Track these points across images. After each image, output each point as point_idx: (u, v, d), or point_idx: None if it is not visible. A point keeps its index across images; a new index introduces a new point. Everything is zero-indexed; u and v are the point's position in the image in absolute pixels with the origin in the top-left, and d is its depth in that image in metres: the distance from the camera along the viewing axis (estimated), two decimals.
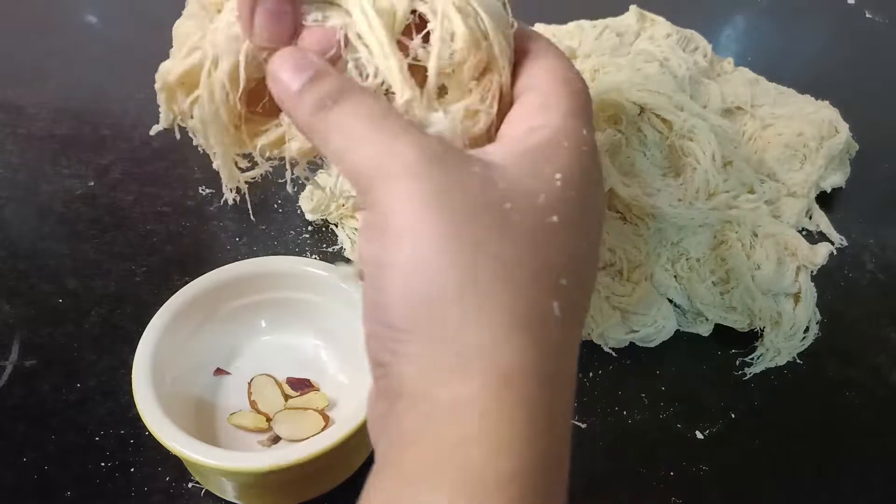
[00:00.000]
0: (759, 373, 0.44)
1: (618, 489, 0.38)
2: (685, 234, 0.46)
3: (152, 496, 0.36)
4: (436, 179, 0.21)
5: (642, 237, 0.45)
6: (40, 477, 0.36)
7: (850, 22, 0.84)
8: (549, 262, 0.22)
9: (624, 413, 0.41)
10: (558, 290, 0.22)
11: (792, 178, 0.55)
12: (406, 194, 0.21)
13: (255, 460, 0.32)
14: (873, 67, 0.76)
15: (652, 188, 0.47)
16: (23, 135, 0.57)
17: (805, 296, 0.45)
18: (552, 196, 0.22)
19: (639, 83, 0.50)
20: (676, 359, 0.45)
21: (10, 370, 0.41)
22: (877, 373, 0.45)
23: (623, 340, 0.45)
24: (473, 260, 0.20)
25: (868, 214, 0.56)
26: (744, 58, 0.66)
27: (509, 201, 0.21)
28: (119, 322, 0.44)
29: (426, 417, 0.20)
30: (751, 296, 0.44)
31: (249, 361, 0.41)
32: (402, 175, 0.21)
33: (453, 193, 0.21)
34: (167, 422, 0.32)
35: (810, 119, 0.58)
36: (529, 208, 0.22)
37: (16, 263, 0.47)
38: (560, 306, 0.21)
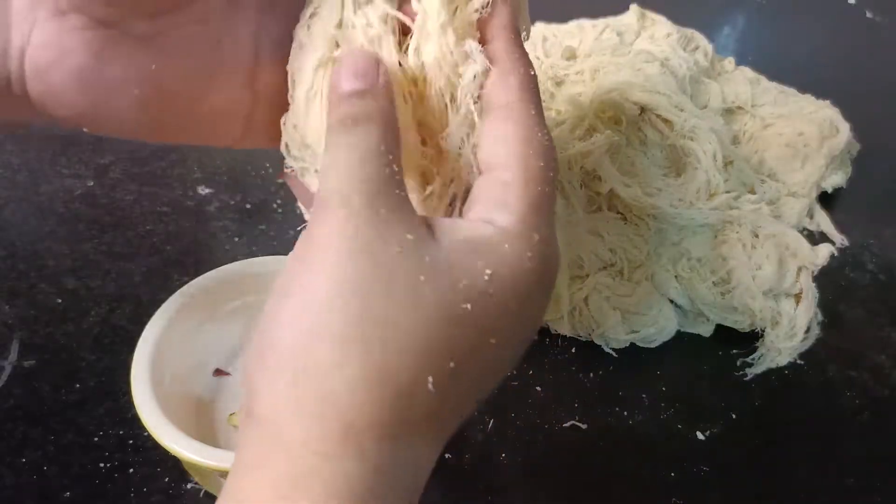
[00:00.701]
0: (760, 373, 0.44)
1: (618, 490, 0.38)
2: (686, 234, 0.46)
3: (151, 497, 0.36)
4: (364, 229, 0.22)
5: (643, 237, 0.45)
6: (39, 477, 0.36)
7: (851, 22, 0.84)
8: (443, 343, 0.22)
9: (624, 413, 0.41)
10: (442, 369, 0.22)
11: (793, 178, 0.55)
12: (333, 230, 0.22)
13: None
14: (874, 67, 0.75)
15: (652, 188, 0.47)
16: (22, 135, 0.57)
17: (807, 296, 0.45)
18: (474, 287, 0.22)
19: (639, 83, 0.50)
20: (677, 359, 0.45)
21: (10, 370, 0.41)
22: (878, 373, 0.45)
23: (623, 341, 0.45)
24: (363, 312, 0.21)
25: (869, 214, 0.56)
26: (744, 57, 0.66)
27: (426, 275, 0.22)
28: (118, 322, 0.44)
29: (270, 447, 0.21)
30: (752, 296, 0.44)
31: None
32: (339, 212, 0.22)
33: (375, 246, 0.22)
34: (166, 422, 0.32)
35: (811, 119, 0.58)
36: (445, 289, 0.22)
37: (15, 263, 0.47)
38: (436, 383, 0.22)
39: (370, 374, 0.21)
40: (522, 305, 0.24)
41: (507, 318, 0.23)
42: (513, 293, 0.23)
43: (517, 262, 0.24)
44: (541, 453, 0.39)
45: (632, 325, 0.45)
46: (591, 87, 0.52)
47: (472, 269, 0.23)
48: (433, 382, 0.22)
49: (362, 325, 0.21)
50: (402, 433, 0.21)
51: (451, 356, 0.22)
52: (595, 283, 0.45)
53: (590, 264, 0.45)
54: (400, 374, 0.21)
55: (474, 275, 0.23)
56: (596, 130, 0.47)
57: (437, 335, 0.22)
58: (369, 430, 0.21)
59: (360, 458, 0.21)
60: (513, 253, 0.24)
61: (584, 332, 0.45)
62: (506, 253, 0.24)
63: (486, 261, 0.23)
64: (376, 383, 0.21)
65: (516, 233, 0.24)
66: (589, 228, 0.46)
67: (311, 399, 0.21)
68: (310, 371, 0.21)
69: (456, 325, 0.22)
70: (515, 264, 0.24)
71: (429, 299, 0.22)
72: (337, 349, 0.21)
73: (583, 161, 0.45)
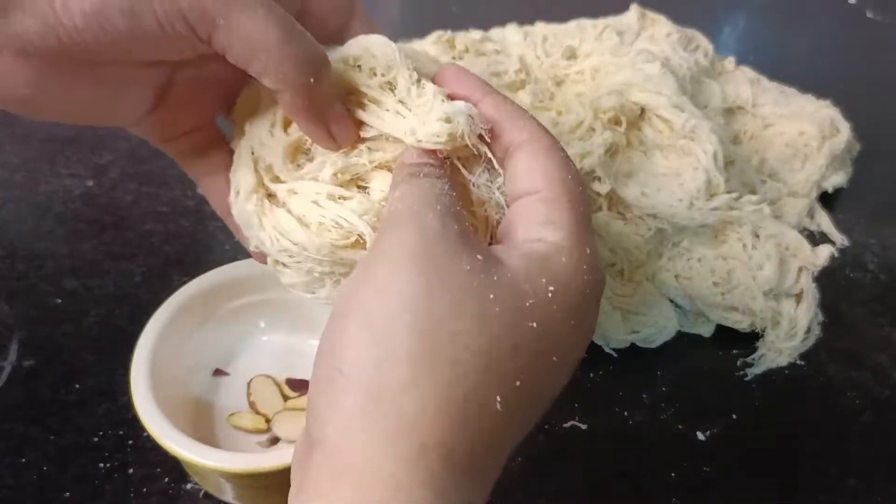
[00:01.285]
0: (761, 373, 0.44)
1: (618, 490, 0.38)
2: (686, 234, 0.46)
3: (151, 497, 0.36)
4: (435, 245, 0.22)
5: (643, 237, 0.45)
6: (39, 477, 0.36)
7: (851, 22, 0.84)
8: (511, 362, 0.22)
9: (625, 414, 0.41)
10: (510, 388, 0.22)
11: (793, 178, 0.55)
12: (405, 247, 0.22)
13: (254, 461, 0.31)
14: (874, 67, 0.75)
15: (653, 188, 0.47)
16: (21, 135, 0.57)
17: (807, 296, 0.45)
18: (539, 304, 0.23)
19: (639, 83, 0.50)
20: (677, 359, 0.45)
21: (9, 370, 0.41)
22: (878, 373, 0.45)
23: (624, 341, 0.45)
24: (432, 329, 0.21)
25: (870, 214, 0.56)
26: (745, 57, 0.66)
27: (495, 293, 0.22)
28: (118, 322, 0.44)
29: (338, 476, 0.21)
30: (752, 296, 0.44)
31: (248, 362, 0.41)
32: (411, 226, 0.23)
33: (445, 263, 0.22)
34: (166, 422, 0.32)
35: (812, 118, 0.58)
36: (513, 308, 0.22)
37: (14, 263, 0.47)
38: (504, 402, 0.21)
39: (441, 393, 0.20)
40: (580, 321, 0.24)
41: (567, 334, 0.23)
42: (573, 309, 0.23)
43: (576, 277, 0.24)
44: (541, 453, 0.39)
45: (632, 325, 0.45)
46: (591, 87, 0.52)
47: (537, 287, 0.23)
48: (501, 402, 0.21)
49: (432, 342, 0.21)
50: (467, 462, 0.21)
51: (517, 375, 0.22)
52: None
53: None
54: (469, 394, 0.21)
55: (539, 292, 0.23)
56: (596, 130, 0.47)
57: (506, 354, 0.22)
58: (439, 452, 0.20)
59: (430, 486, 0.20)
60: (570, 267, 0.24)
61: None
62: (564, 268, 0.24)
63: (548, 277, 0.23)
64: (446, 402, 0.20)
65: (570, 247, 0.24)
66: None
67: (383, 422, 0.20)
68: (380, 393, 0.20)
69: (523, 344, 0.22)
70: (575, 279, 0.24)
71: (498, 318, 0.22)
72: (405, 369, 0.20)
73: (583, 161, 0.45)
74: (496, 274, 0.22)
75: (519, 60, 0.54)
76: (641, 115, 0.50)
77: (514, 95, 0.51)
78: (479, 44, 0.58)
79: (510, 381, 0.22)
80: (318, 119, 0.27)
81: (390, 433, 0.20)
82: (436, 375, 0.21)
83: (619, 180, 0.46)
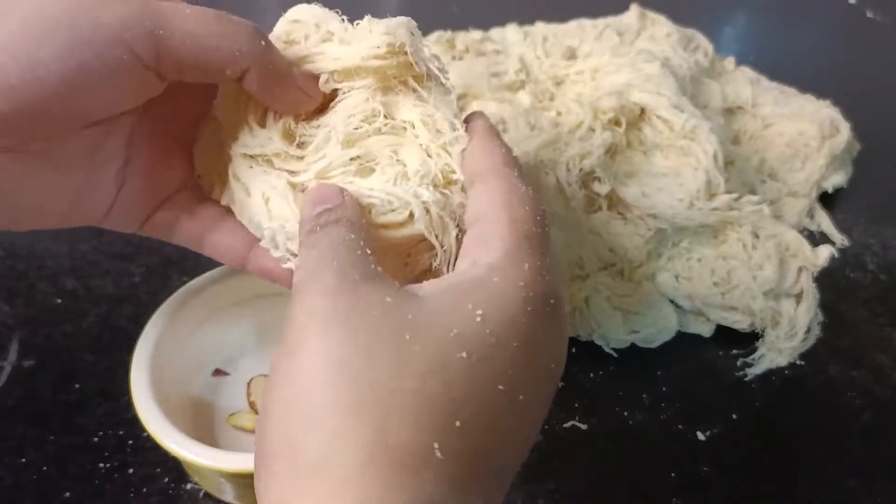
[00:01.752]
0: (761, 374, 0.44)
1: (619, 490, 0.38)
2: (686, 234, 0.46)
3: (151, 497, 0.36)
4: (340, 301, 0.21)
5: (643, 237, 0.45)
6: (39, 477, 0.36)
7: (851, 22, 0.84)
8: (444, 402, 0.20)
9: (625, 414, 0.41)
10: (448, 430, 0.20)
11: (793, 178, 0.55)
12: (309, 311, 0.22)
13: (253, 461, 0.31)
14: (874, 67, 0.75)
15: (653, 188, 0.47)
16: None
17: (807, 297, 0.45)
18: (466, 332, 0.21)
19: (639, 84, 0.50)
20: (677, 359, 0.45)
21: (9, 370, 0.41)
22: (878, 373, 0.44)
23: (624, 341, 0.45)
24: (351, 385, 0.20)
25: (870, 214, 0.56)
26: (745, 57, 0.66)
27: (411, 332, 0.21)
28: (118, 322, 0.44)
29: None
30: (752, 296, 0.44)
31: (248, 362, 0.41)
32: (313, 290, 0.22)
33: (353, 316, 0.21)
34: (166, 423, 0.32)
35: (811, 118, 0.58)
36: (436, 342, 0.21)
37: (14, 263, 0.47)
38: (444, 448, 0.20)
39: (371, 450, 0.19)
40: (528, 340, 0.22)
41: (512, 358, 0.22)
42: (512, 329, 0.22)
43: (510, 294, 0.22)
44: (541, 453, 0.39)
45: (632, 325, 0.45)
46: (591, 87, 0.52)
47: (462, 314, 0.21)
48: (440, 448, 0.20)
49: (353, 399, 0.20)
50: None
51: (455, 414, 0.20)
52: (595, 283, 0.45)
53: (590, 264, 0.45)
54: (402, 446, 0.19)
55: (465, 319, 0.21)
56: (595, 131, 0.47)
57: (435, 394, 0.20)
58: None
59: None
60: (503, 285, 0.22)
61: (584, 332, 0.45)
62: (495, 287, 0.22)
63: (475, 300, 0.22)
64: (376, 458, 0.19)
65: (504, 265, 0.23)
66: (589, 228, 0.45)
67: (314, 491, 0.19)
68: (307, 463, 0.20)
69: (456, 379, 0.20)
70: (508, 297, 0.22)
71: (419, 357, 0.20)
72: (329, 433, 0.19)
73: (582, 162, 0.45)
74: (410, 312, 0.21)
75: (519, 60, 0.54)
76: (641, 116, 0.50)
77: (513, 95, 0.51)
78: (479, 44, 0.58)
79: (447, 421, 0.20)
80: (287, 80, 0.27)
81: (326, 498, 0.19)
82: (362, 433, 0.19)
83: (619, 180, 0.46)
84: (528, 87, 0.52)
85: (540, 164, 0.45)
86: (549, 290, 0.23)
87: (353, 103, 0.28)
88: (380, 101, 0.28)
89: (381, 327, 0.21)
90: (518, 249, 0.23)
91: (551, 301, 0.23)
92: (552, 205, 0.44)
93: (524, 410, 0.22)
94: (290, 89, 0.28)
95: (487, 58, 0.56)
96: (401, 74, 0.29)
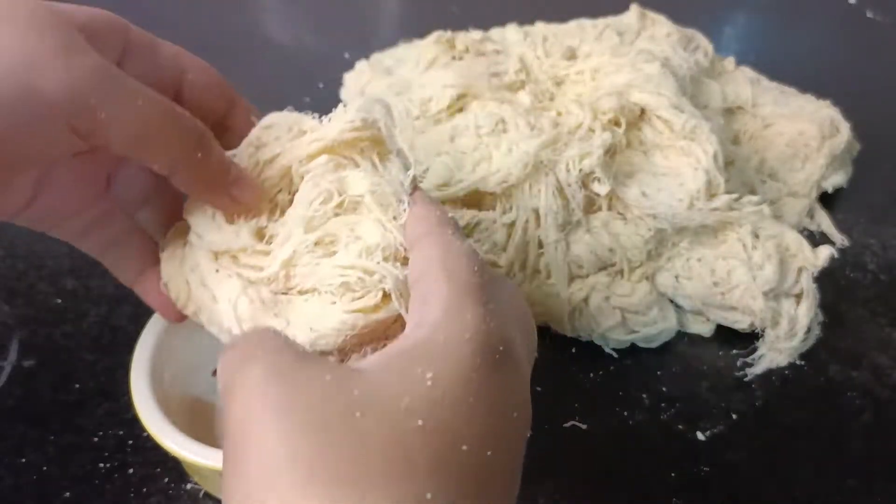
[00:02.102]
0: (761, 373, 0.44)
1: (619, 490, 0.38)
2: (686, 234, 0.46)
3: (151, 497, 0.36)
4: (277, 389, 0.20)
5: (643, 237, 0.45)
6: (39, 478, 0.36)
7: (851, 22, 0.84)
8: (409, 477, 0.19)
9: (625, 414, 0.41)
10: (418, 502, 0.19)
11: (793, 178, 0.55)
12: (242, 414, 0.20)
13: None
14: (874, 67, 0.75)
15: (653, 188, 0.47)
16: None
17: (807, 297, 0.45)
18: (418, 398, 0.20)
19: (639, 84, 0.50)
20: (677, 359, 0.45)
21: (9, 370, 0.41)
22: (879, 373, 0.44)
23: (624, 341, 0.45)
24: (304, 477, 0.19)
25: (870, 214, 0.56)
26: (745, 57, 0.66)
27: (361, 409, 0.20)
28: (117, 322, 0.44)
29: None
30: (752, 296, 0.44)
31: None
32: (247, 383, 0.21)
33: (294, 401, 0.20)
34: (165, 423, 0.32)
35: (811, 118, 0.58)
36: (389, 413, 0.20)
37: (14, 263, 0.47)
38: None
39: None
40: (483, 396, 0.21)
41: (470, 416, 0.21)
42: (465, 386, 0.21)
43: (456, 350, 0.21)
44: (541, 453, 0.39)
45: (632, 325, 0.45)
46: (590, 88, 0.52)
47: (412, 380, 0.21)
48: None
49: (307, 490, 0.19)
50: None
51: (423, 486, 0.19)
52: (595, 283, 0.45)
53: (590, 264, 0.45)
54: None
55: (415, 385, 0.21)
56: (595, 132, 0.47)
57: (398, 470, 0.19)
58: None
59: None
60: (451, 343, 0.21)
61: (584, 332, 0.45)
62: (443, 347, 0.21)
63: (424, 365, 0.21)
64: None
65: (447, 321, 0.22)
66: (589, 228, 0.45)
67: None
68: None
69: (415, 450, 0.20)
70: (455, 353, 0.21)
71: (375, 432, 0.19)
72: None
73: (582, 162, 0.45)
74: (356, 387, 0.20)
75: (519, 60, 0.54)
76: (641, 116, 0.50)
77: (513, 95, 0.51)
78: (479, 44, 0.58)
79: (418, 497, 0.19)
80: (217, 188, 0.28)
81: None
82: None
83: (619, 181, 0.46)
84: (528, 87, 0.52)
85: (540, 164, 0.45)
86: (496, 337, 0.23)
87: (310, 187, 0.29)
88: (332, 181, 0.29)
89: (325, 412, 0.20)
90: (458, 302, 0.23)
91: (500, 348, 0.23)
92: (552, 205, 0.44)
93: (495, 465, 0.22)
94: (221, 197, 0.28)
95: (487, 58, 0.56)
96: (370, 148, 0.30)
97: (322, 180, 0.29)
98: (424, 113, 0.51)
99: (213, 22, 0.77)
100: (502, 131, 0.47)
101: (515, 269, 0.46)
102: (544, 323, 0.45)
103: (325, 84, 0.66)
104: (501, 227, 0.45)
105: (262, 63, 0.70)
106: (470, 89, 0.51)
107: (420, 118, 0.51)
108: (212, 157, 0.27)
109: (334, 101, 0.65)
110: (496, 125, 0.47)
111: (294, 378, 0.21)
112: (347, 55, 0.69)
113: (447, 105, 0.50)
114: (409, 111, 0.51)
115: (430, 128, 0.50)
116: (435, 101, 0.51)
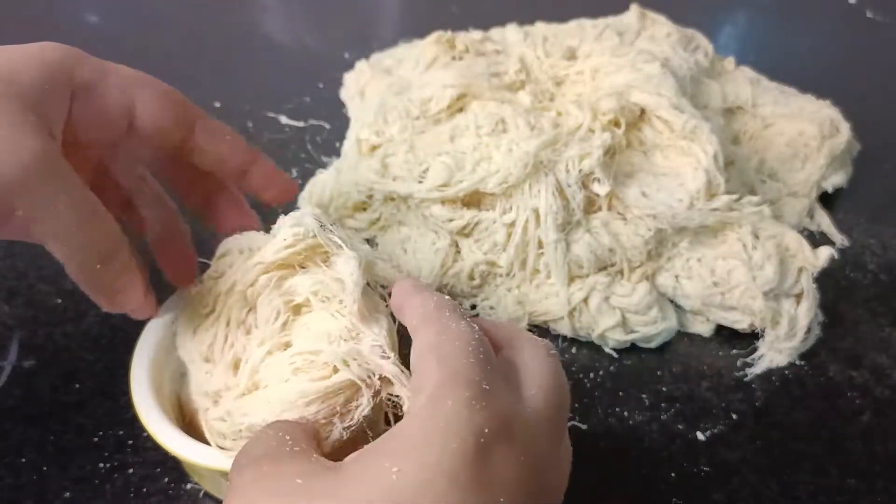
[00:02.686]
0: (761, 373, 0.44)
1: (619, 490, 0.38)
2: (686, 234, 0.46)
3: (151, 497, 0.36)
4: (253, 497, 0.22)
5: (643, 237, 0.45)
6: (39, 478, 0.36)
7: (852, 22, 0.84)
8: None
9: (625, 414, 0.41)
10: None
11: (793, 178, 0.55)
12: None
13: None
14: (874, 67, 0.75)
15: (653, 189, 0.47)
16: None
17: (807, 297, 0.45)
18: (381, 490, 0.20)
19: (639, 84, 0.50)
20: (677, 359, 0.45)
21: (9, 370, 0.41)
22: (879, 373, 0.45)
23: (624, 341, 0.45)
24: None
25: (870, 214, 0.56)
26: (745, 57, 0.66)
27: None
28: (117, 322, 0.44)
29: None
30: (752, 296, 0.44)
31: None
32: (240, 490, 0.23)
33: None
34: (166, 423, 0.32)
35: (812, 118, 0.58)
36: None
37: (14, 263, 0.47)
38: None
39: None
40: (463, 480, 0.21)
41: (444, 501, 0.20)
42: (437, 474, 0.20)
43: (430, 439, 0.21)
44: None
45: (632, 325, 0.45)
46: (590, 88, 0.52)
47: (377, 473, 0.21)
48: None
49: None
50: None
51: None
52: (595, 283, 0.45)
53: (589, 264, 0.45)
54: None
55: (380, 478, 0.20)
56: (595, 132, 0.47)
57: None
58: None
59: None
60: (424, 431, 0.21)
61: (584, 332, 0.45)
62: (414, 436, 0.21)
63: (393, 457, 0.21)
64: None
65: (427, 410, 0.22)
66: (589, 228, 0.45)
67: None
68: None
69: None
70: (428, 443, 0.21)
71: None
72: None
73: (582, 162, 0.45)
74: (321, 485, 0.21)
75: (519, 60, 0.54)
76: (641, 116, 0.50)
77: (513, 95, 0.51)
78: (479, 44, 0.58)
79: None
80: (104, 293, 0.30)
81: None
82: None
83: (618, 181, 0.46)
84: (528, 87, 0.52)
85: (540, 164, 0.45)
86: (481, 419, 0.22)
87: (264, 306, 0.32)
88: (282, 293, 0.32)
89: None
90: (443, 390, 0.23)
91: (486, 430, 0.22)
92: (552, 205, 0.44)
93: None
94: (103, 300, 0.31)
95: (487, 58, 0.56)
96: (310, 256, 0.32)
97: (272, 297, 0.32)
98: (424, 113, 0.51)
99: (213, 22, 0.77)
100: (502, 131, 0.47)
101: (515, 269, 0.46)
102: (544, 323, 0.45)
103: (325, 84, 0.66)
104: (501, 227, 0.45)
105: (262, 63, 0.70)
106: (470, 89, 0.51)
107: (420, 118, 0.51)
108: (110, 268, 0.29)
109: (334, 101, 0.65)
110: (496, 125, 0.47)
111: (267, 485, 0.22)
112: (347, 55, 0.69)
113: (447, 105, 0.50)
114: (409, 111, 0.51)
115: (430, 128, 0.50)
116: (435, 101, 0.51)
